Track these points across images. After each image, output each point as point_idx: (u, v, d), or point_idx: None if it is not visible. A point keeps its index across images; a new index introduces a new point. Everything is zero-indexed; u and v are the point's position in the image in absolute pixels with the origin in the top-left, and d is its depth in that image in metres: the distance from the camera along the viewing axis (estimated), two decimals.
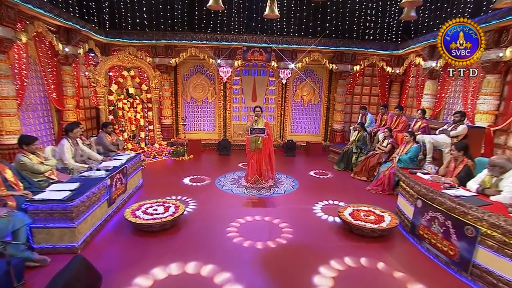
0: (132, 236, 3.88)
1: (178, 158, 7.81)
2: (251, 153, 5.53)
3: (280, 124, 9.63)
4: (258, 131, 5.33)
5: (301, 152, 9.00)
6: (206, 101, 9.49)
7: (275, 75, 9.29)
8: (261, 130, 5.30)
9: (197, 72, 9.27)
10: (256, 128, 5.29)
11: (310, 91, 9.47)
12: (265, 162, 5.57)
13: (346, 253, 3.52)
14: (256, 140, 5.42)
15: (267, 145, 5.49)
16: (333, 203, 5.04)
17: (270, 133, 5.48)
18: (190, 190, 5.52)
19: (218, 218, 4.36)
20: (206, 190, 5.49)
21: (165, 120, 9.25)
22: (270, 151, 5.58)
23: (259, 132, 5.33)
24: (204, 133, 9.67)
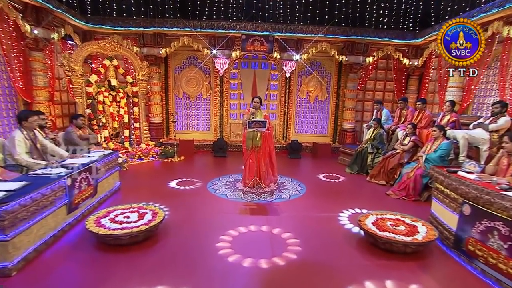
0: (94, 252, 3.18)
1: (166, 160, 7.36)
2: (248, 152, 5.09)
3: (284, 123, 9.19)
4: (258, 124, 4.77)
5: (307, 154, 8.64)
6: (200, 97, 9.06)
7: (277, 68, 8.90)
8: (262, 123, 4.76)
9: (190, 65, 8.84)
10: (255, 121, 4.75)
11: (317, 86, 9.02)
12: (264, 162, 5.11)
13: (372, 275, 2.87)
14: (254, 136, 4.97)
15: (267, 142, 5.05)
16: (349, 210, 4.51)
17: (270, 128, 5.03)
18: (176, 194, 5.05)
19: (207, 228, 3.79)
20: (195, 195, 5.01)
21: (154, 118, 8.78)
22: (270, 149, 5.16)
23: (259, 126, 4.78)
24: (198, 133, 9.23)
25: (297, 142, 8.27)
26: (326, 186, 5.77)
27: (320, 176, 6.42)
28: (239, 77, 8.96)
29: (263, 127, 4.78)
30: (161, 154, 7.52)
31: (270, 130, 5.03)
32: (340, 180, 6.19)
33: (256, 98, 5.05)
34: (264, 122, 4.76)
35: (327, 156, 8.24)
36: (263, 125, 4.78)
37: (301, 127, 9.30)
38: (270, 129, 5.07)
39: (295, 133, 9.27)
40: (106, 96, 7.07)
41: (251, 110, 5.04)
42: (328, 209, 4.56)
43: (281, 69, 8.55)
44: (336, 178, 6.26)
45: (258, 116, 5.06)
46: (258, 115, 5.06)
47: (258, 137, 4.97)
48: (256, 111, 5.04)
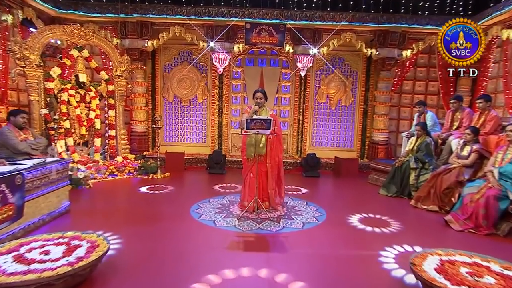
0: None
1: (146, 177, 6.80)
2: (248, 164, 4.58)
3: (298, 134, 8.63)
4: (260, 124, 4.12)
5: (328, 173, 8.04)
6: (194, 101, 8.61)
7: (290, 66, 8.45)
8: (265, 122, 4.11)
9: (183, 61, 8.43)
10: (256, 119, 4.11)
11: (340, 87, 8.53)
12: (271, 177, 4.54)
13: None
14: (257, 141, 4.43)
15: (275, 150, 4.56)
16: (394, 247, 3.64)
17: (279, 131, 4.60)
18: (144, 220, 4.35)
19: (176, 271, 2.96)
20: (171, 221, 4.31)
21: (137, 126, 8.22)
22: (279, 160, 4.62)
23: (261, 127, 4.13)
24: (190, 145, 8.70)
25: (315, 157, 7.66)
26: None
27: (345, 194, 5.97)
28: (242, 76, 8.55)
29: (267, 128, 4.14)
30: (140, 169, 6.94)
31: (278, 134, 4.56)
32: (374, 205, 5.43)
33: (259, 92, 4.55)
34: (268, 121, 4.11)
35: (354, 175, 7.67)
36: (266, 125, 4.13)
37: (319, 139, 8.80)
38: (279, 132, 4.60)
39: (312, 146, 8.75)
40: (72, 95, 6.39)
41: (252, 108, 4.55)
42: (362, 245, 3.76)
43: (295, 66, 8.11)
44: (367, 203, 5.50)
45: (263, 114, 4.50)
46: (262, 114, 4.52)
47: (262, 143, 4.43)
48: (260, 109, 4.53)
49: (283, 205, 4.91)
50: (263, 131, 4.16)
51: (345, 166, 7.67)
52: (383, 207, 5.23)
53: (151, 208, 4.85)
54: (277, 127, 4.47)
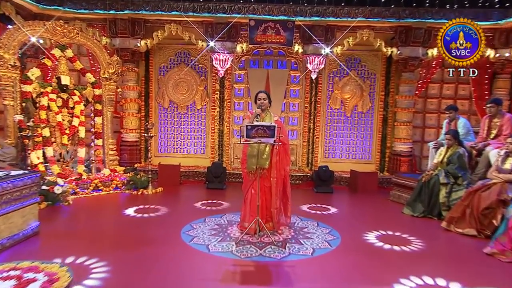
0: None
1: (136, 192, 6.61)
2: (249, 178, 4.42)
3: (308, 144, 8.45)
4: (262, 132, 3.95)
5: (342, 188, 7.85)
6: (193, 107, 8.50)
7: (300, 68, 8.35)
8: (268, 129, 3.94)
9: (179, 63, 8.34)
10: (258, 126, 3.95)
11: (356, 91, 8.36)
12: (275, 194, 4.34)
13: None
14: (260, 151, 4.26)
15: (281, 162, 4.39)
16: (424, 280, 3.29)
17: (285, 140, 4.47)
18: (123, 244, 4.11)
19: None
20: (157, 245, 4.08)
21: (128, 135, 8.03)
22: (285, 173, 4.48)
23: (264, 135, 3.96)
24: (188, 156, 8.55)
25: (328, 170, 7.50)
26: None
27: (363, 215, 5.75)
28: (246, 80, 8.43)
29: (271, 136, 3.97)
30: (128, 183, 6.73)
31: (285, 143, 4.42)
32: (397, 227, 5.11)
33: (262, 93, 4.50)
34: (272, 127, 3.93)
35: (372, 191, 7.46)
36: (270, 132, 3.95)
37: (333, 150, 8.62)
38: (285, 141, 4.45)
39: (325, 158, 8.57)
40: (52, 99, 6.23)
41: (254, 112, 4.43)
42: (383, 277, 3.41)
43: (305, 68, 8.01)
44: (389, 224, 5.20)
45: (267, 120, 4.39)
46: (266, 120, 4.40)
47: (266, 154, 4.29)
48: (263, 113, 4.43)
49: (290, 226, 4.69)
50: (266, 139, 4.00)
51: (363, 181, 7.50)
52: (408, 229, 4.90)
53: (134, 229, 4.62)
54: (283, 135, 4.29)
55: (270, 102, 4.47)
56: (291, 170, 7.75)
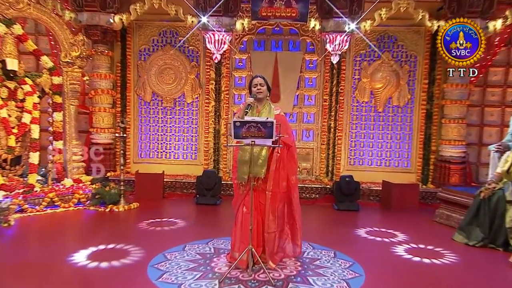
0: None
1: (103, 209, 6.55)
2: (240, 192, 4.30)
3: (328, 148, 8.41)
4: (255, 130, 3.78)
5: (371, 205, 7.78)
6: (181, 100, 8.51)
7: (317, 50, 8.25)
8: (264, 126, 3.77)
9: (165, 44, 8.35)
10: (250, 122, 3.80)
11: (391, 80, 8.23)
12: (272, 212, 4.17)
13: None
14: (252, 156, 4.06)
15: (282, 171, 4.24)
16: None
17: (289, 141, 4.29)
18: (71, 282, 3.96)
19: None
20: (114, 283, 3.91)
21: (99, 136, 7.97)
22: (290, 185, 4.30)
23: (258, 134, 3.80)
24: (176, 163, 8.60)
25: (352, 181, 7.48)
26: (412, 272, 4.61)
27: (396, 248, 5.38)
28: (249, 66, 8.41)
29: (268, 136, 3.78)
30: (94, 198, 6.70)
31: (288, 145, 4.27)
32: (446, 260, 4.96)
33: (258, 77, 4.35)
34: (269, 124, 3.75)
35: (412, 208, 7.36)
36: (266, 131, 3.76)
37: (360, 155, 8.56)
38: (288, 142, 4.28)
39: (349, 165, 8.53)
40: None
41: (247, 101, 4.26)
42: None
43: (324, 50, 7.92)
44: (435, 256, 5.07)
45: (264, 114, 4.25)
46: (263, 114, 4.26)
47: (262, 159, 4.14)
48: (260, 105, 4.30)
49: (299, 256, 4.49)
50: (261, 140, 3.81)
51: (399, 195, 7.37)
52: (462, 265, 4.75)
53: (88, 261, 4.38)
54: (286, 135, 4.12)
55: (269, 89, 4.30)
56: (305, 181, 7.80)
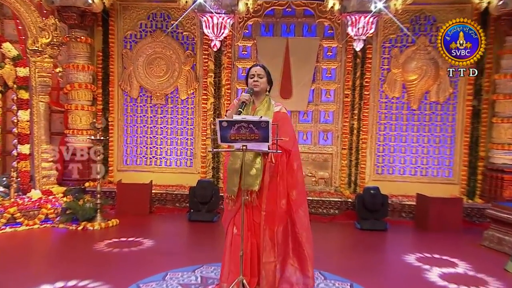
0: None
1: (76, 227, 6.45)
2: (230, 208, 4.18)
3: (350, 153, 8.31)
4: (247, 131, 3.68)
5: (403, 223, 7.63)
6: (174, 96, 8.48)
7: (337, 34, 8.15)
8: (257, 127, 3.64)
9: (154, 30, 8.31)
10: (240, 122, 3.70)
11: (428, 70, 8.05)
12: (270, 238, 4.06)
13: None
14: (245, 164, 3.98)
15: (281, 183, 4.07)
16: None
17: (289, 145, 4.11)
18: None
19: None
20: None
21: (76, 138, 7.90)
22: (289, 203, 4.10)
23: (251, 136, 3.71)
24: (168, 170, 8.54)
25: (379, 194, 7.30)
26: None
27: (434, 277, 5.19)
28: (254, 55, 8.34)
29: (262, 138, 3.65)
30: (64, 213, 6.61)
31: (288, 151, 4.09)
32: None
33: (257, 67, 4.22)
34: (264, 124, 3.60)
35: (454, 228, 7.18)
36: (261, 133, 3.63)
37: (389, 162, 8.43)
38: (288, 148, 4.08)
39: (376, 174, 8.40)
40: None
41: (241, 97, 4.08)
42: None
43: (345, 35, 7.93)
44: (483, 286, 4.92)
45: (261, 113, 4.07)
46: (260, 112, 4.08)
47: (256, 167, 4.00)
48: (257, 101, 4.17)
49: None
50: (254, 144, 3.64)
51: (437, 212, 7.17)
52: None
53: None
54: (287, 138, 3.93)
55: (270, 83, 4.17)
56: (322, 193, 7.77)
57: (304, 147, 7.92)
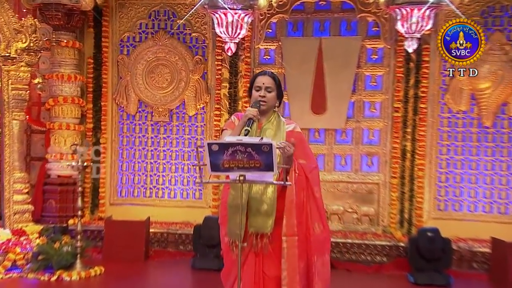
0: None
1: (48, 278, 6.21)
2: (234, 257, 3.91)
3: (402, 185, 8.00)
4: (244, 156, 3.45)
5: (473, 276, 7.24)
6: (181, 112, 8.39)
7: (384, 33, 7.94)
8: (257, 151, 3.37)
9: (157, 31, 8.23)
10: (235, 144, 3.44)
11: (505, 75, 7.77)
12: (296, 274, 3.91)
13: None
14: (251, 197, 3.83)
15: (304, 220, 3.91)
16: None
17: (310, 169, 3.96)
18: None
19: None
20: None
21: (60, 164, 7.77)
22: (308, 239, 3.98)
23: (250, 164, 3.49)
24: (171, 204, 8.35)
25: (438, 237, 6.98)
26: None
27: None
28: (279, 60, 8.22)
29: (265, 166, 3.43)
30: (35, 259, 6.43)
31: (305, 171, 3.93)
32: None
33: (264, 76, 3.96)
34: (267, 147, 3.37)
35: None
36: (263, 159, 3.43)
37: (453, 195, 8.05)
38: (306, 174, 3.94)
39: (437, 210, 8.01)
40: None
41: (246, 113, 3.87)
42: None
43: (394, 33, 7.74)
44: None
45: (269, 133, 3.97)
46: (267, 132, 3.98)
47: (268, 201, 3.84)
48: (263, 117, 4.02)
49: None
50: (255, 174, 3.40)
51: None
52: None
53: None
54: (304, 161, 3.79)
55: (280, 96, 3.90)
56: (365, 234, 7.50)
57: (342, 175, 7.85)
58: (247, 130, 3.58)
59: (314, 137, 7.94)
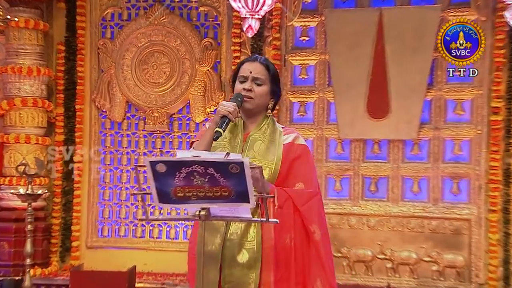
0: None
1: None
2: None
3: (504, 221, 7.59)
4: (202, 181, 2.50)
5: None
6: (184, 118, 8.24)
7: (475, 1, 7.75)
8: (225, 172, 2.44)
9: (151, 6, 8.07)
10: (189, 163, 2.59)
11: None
12: None
13: None
14: (227, 239, 3.21)
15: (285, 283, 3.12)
16: None
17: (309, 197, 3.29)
18: None
19: None
20: None
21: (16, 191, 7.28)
22: None
23: (212, 193, 2.61)
24: (169, 247, 8.08)
25: None
26: None
27: None
28: (321, 42, 7.96)
29: (237, 196, 2.79)
30: None
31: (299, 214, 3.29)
32: None
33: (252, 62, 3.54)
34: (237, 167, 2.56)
35: None
36: (235, 185, 2.69)
37: None
38: (298, 207, 3.31)
39: None
40: None
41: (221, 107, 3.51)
42: None
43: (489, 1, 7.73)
44: None
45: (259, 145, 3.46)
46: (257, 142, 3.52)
47: (249, 248, 3.25)
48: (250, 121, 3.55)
49: None
50: (224, 208, 2.92)
51: None
52: None
53: None
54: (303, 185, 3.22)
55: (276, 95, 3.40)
56: None
57: (414, 207, 7.30)
58: (218, 132, 2.96)
59: (372, 152, 7.56)
